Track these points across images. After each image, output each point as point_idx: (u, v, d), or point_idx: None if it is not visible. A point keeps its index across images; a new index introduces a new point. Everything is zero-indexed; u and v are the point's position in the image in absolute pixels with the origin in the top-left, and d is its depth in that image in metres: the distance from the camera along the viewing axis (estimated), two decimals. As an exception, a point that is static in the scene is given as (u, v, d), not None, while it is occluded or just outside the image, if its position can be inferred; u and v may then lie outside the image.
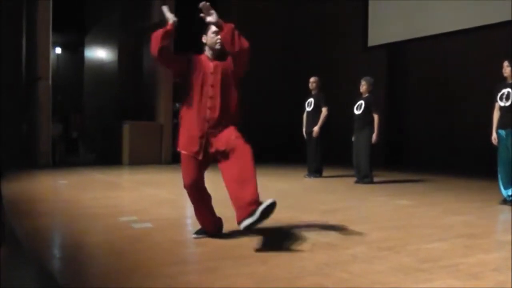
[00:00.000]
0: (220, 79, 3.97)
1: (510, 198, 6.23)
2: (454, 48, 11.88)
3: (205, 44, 4.07)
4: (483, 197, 7.12)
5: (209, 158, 3.99)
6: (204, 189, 4.12)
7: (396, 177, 9.84)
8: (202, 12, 3.83)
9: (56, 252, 3.97)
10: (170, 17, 3.92)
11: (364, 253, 3.71)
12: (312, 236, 4.28)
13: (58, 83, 13.37)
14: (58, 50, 17.76)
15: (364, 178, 8.71)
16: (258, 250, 3.75)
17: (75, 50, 17.70)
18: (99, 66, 13.65)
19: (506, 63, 6.19)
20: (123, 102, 13.01)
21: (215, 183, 4.30)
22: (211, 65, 4.01)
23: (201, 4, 3.80)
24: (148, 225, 4.72)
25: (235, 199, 3.69)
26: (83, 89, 16.05)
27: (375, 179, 8.80)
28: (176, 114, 14.54)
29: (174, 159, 12.93)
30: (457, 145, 11.95)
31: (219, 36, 3.92)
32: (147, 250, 3.84)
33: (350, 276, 3.14)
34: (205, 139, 3.91)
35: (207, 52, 4.06)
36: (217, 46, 3.99)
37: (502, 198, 6.34)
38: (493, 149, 6.65)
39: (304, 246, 3.90)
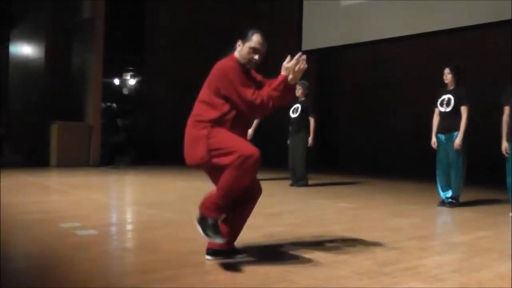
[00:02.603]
0: None
1: (448, 200, 6.45)
2: (388, 54, 12.19)
3: (235, 49, 3.59)
4: (420, 199, 7.32)
5: None
6: None
7: (329, 180, 9.98)
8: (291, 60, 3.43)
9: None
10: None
11: (323, 258, 3.66)
12: (266, 241, 4.21)
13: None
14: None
15: (299, 181, 8.77)
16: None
17: None
18: (25, 63, 13.00)
19: (447, 70, 6.40)
20: (50, 100, 12.43)
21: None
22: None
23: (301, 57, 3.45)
24: (93, 231, 4.47)
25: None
26: (8, 86, 15.22)
27: (310, 182, 8.86)
28: (106, 114, 14.17)
29: (103, 161, 12.53)
30: (389, 148, 12.29)
31: (256, 57, 3.49)
32: (97, 259, 3.61)
33: (317, 283, 3.09)
34: None
35: (240, 59, 3.53)
36: (248, 66, 3.53)
37: (440, 200, 6.55)
38: (425, 152, 6.90)
39: (261, 251, 3.82)
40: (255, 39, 3.49)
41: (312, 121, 8.67)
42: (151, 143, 15.10)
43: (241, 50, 3.52)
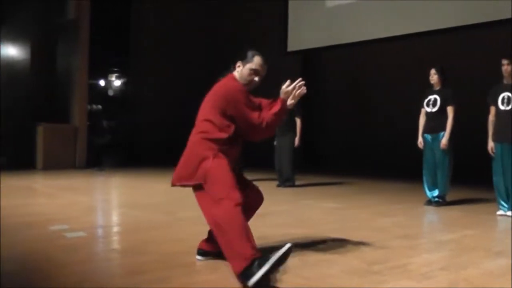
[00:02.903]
0: None
1: (435, 199, 6.52)
2: (374, 55, 12.27)
3: (234, 69, 3.57)
4: (407, 198, 7.40)
5: None
6: None
7: (316, 180, 10.02)
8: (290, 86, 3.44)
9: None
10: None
11: (312, 258, 3.70)
12: (256, 242, 4.21)
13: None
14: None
15: (286, 181, 8.80)
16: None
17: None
18: (11, 64, 12.88)
19: (433, 71, 6.48)
20: (36, 102, 12.35)
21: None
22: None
23: (300, 83, 3.46)
24: (81, 234, 4.47)
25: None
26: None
27: (296, 183, 8.91)
28: (92, 116, 14.09)
29: (89, 163, 12.46)
30: (375, 149, 12.38)
31: (256, 78, 3.50)
32: (88, 261, 3.62)
33: (307, 282, 3.12)
34: None
35: (239, 80, 3.52)
36: (248, 87, 3.51)
37: (427, 199, 6.63)
38: (411, 152, 6.96)
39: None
40: (256, 61, 3.49)
41: (298, 121, 8.70)
42: (137, 145, 15.06)
43: (241, 71, 3.51)
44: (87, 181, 9.58)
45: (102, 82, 21.42)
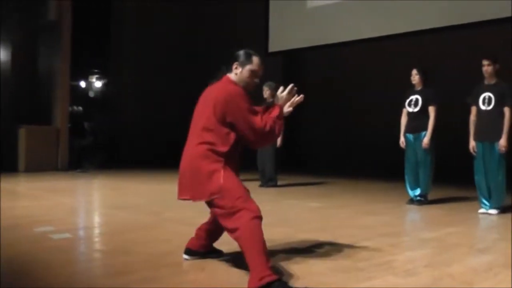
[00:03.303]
0: None
1: (417, 198, 6.61)
2: (356, 56, 12.36)
3: (231, 71, 3.39)
4: (389, 198, 7.50)
5: None
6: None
7: (298, 180, 10.06)
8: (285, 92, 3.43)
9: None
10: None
11: (297, 256, 3.72)
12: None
13: None
14: None
15: (269, 181, 8.83)
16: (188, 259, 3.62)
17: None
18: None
19: (414, 71, 6.57)
20: (17, 104, 12.23)
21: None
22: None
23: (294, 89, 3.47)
24: (67, 235, 4.46)
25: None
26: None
27: (279, 183, 8.95)
28: (73, 118, 14.00)
29: (71, 165, 12.37)
30: (357, 148, 12.48)
31: (256, 80, 3.39)
32: (75, 262, 3.63)
33: (293, 279, 3.14)
34: None
35: (238, 83, 3.36)
36: (250, 89, 3.36)
37: (409, 198, 6.71)
38: (393, 151, 7.04)
39: (237, 251, 3.86)
40: (255, 61, 3.36)
41: (280, 121, 8.72)
42: (118, 146, 15.01)
43: (240, 73, 3.34)
44: (70, 183, 9.52)
45: (83, 84, 21.28)
